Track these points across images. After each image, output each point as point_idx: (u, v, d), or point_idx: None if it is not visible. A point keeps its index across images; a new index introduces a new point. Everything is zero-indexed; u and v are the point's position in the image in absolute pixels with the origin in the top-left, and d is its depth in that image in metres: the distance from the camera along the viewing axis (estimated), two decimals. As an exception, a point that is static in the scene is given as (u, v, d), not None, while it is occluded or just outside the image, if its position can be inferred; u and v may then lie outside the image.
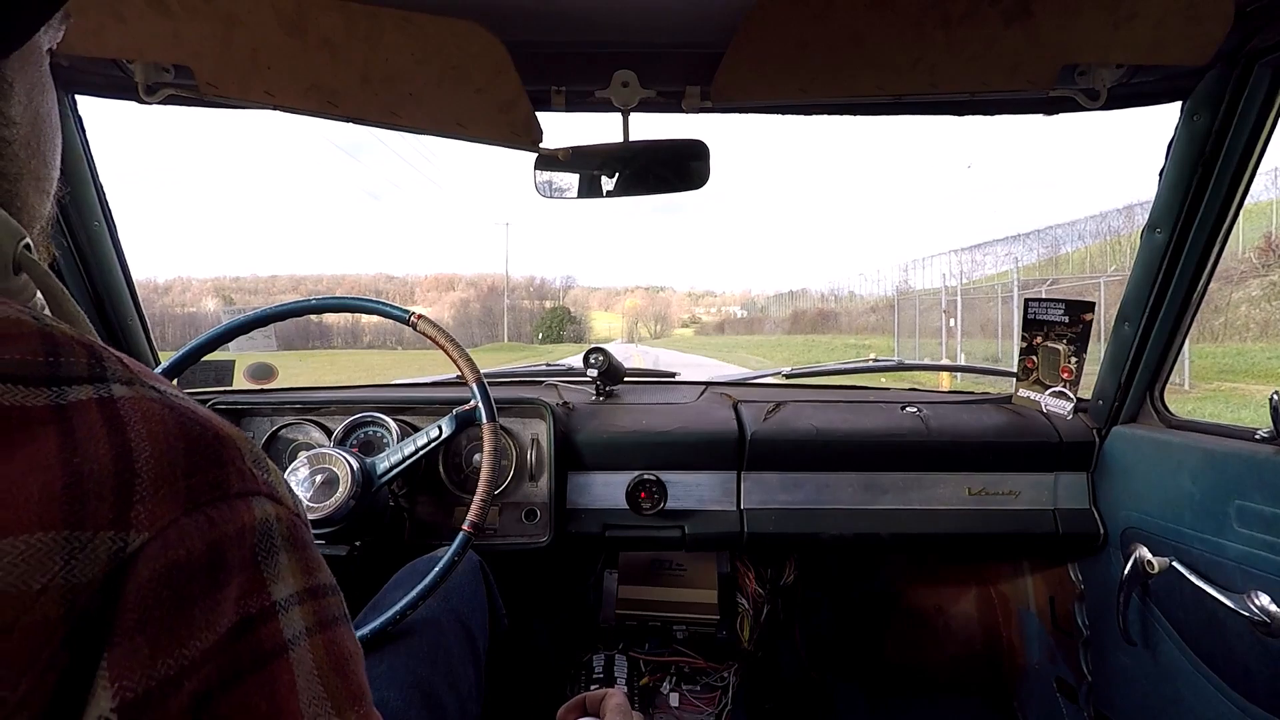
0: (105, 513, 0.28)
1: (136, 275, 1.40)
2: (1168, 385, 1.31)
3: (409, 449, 1.14)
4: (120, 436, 0.30)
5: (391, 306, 1.14)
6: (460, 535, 1.01)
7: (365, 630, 0.94)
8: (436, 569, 0.98)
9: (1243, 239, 12.20)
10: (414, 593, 0.96)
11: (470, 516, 1.02)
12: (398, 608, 0.95)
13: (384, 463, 1.14)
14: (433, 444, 1.13)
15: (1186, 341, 1.27)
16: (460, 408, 1.14)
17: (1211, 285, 1.20)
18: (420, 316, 1.11)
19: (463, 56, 1.01)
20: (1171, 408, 1.30)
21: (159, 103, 1.13)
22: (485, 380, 1.11)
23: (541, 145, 1.17)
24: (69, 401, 0.30)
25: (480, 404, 1.09)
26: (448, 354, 1.10)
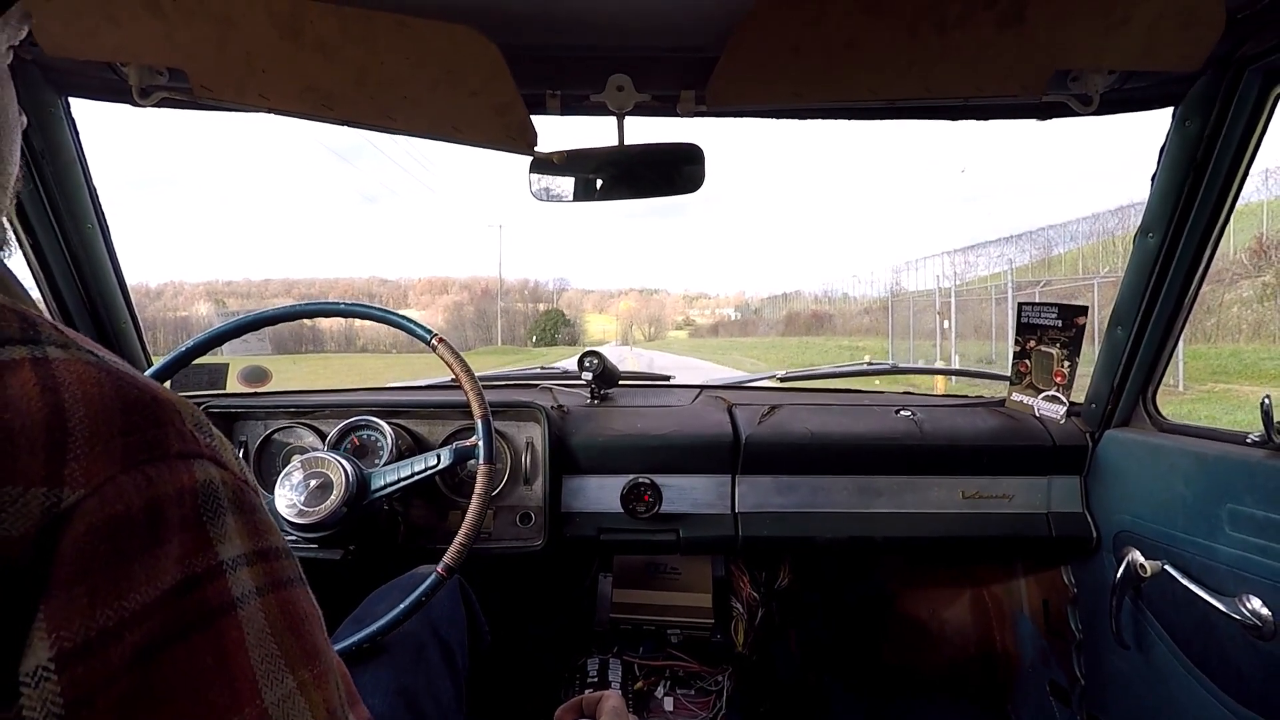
0: (37, 469, 0.28)
1: (130, 280, 1.40)
2: (1161, 387, 1.32)
3: (405, 471, 1.12)
4: (54, 396, 0.30)
5: (415, 324, 1.14)
6: (432, 577, 0.99)
7: (336, 647, 0.94)
8: (404, 605, 0.96)
9: (1234, 240, 12.26)
10: (377, 625, 0.95)
11: (446, 559, 1.00)
12: (362, 635, 0.95)
13: (379, 479, 1.13)
14: (429, 471, 1.12)
15: (1180, 342, 1.28)
16: (461, 442, 1.13)
17: (1204, 287, 1.21)
18: (441, 340, 1.10)
19: (458, 60, 1.01)
20: (1166, 409, 1.31)
21: (153, 105, 1.13)
22: (482, 386, 1.11)
23: (536, 149, 1.17)
24: (1, 360, 0.31)
25: (482, 442, 1.07)
26: (461, 382, 1.09)
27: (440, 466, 1.12)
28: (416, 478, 1.12)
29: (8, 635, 0.27)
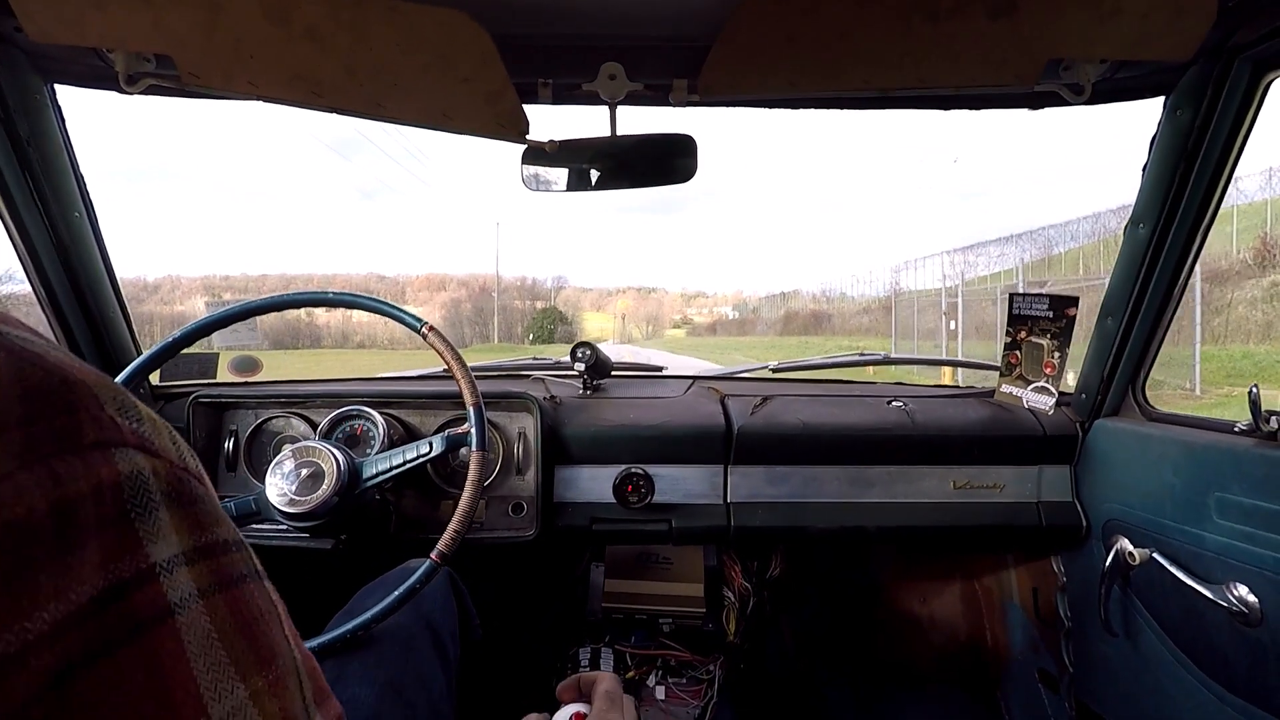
0: None
1: (127, 274, 1.39)
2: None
3: (397, 459, 1.12)
4: None
5: (405, 313, 1.13)
6: (426, 564, 0.99)
7: (326, 638, 0.94)
8: (397, 592, 0.97)
9: (1236, 241, 12.24)
10: (370, 613, 0.96)
11: (440, 546, 1.00)
12: (356, 622, 0.95)
13: (370, 468, 1.12)
14: (421, 459, 1.12)
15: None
16: (453, 430, 1.12)
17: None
18: (431, 328, 1.10)
19: (448, 47, 1.00)
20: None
21: (140, 93, 1.11)
22: (475, 377, 1.11)
23: (529, 137, 1.16)
24: None
25: (474, 430, 1.07)
26: (453, 371, 1.09)
27: (433, 454, 1.11)
28: (409, 465, 1.12)
29: None
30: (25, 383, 0.27)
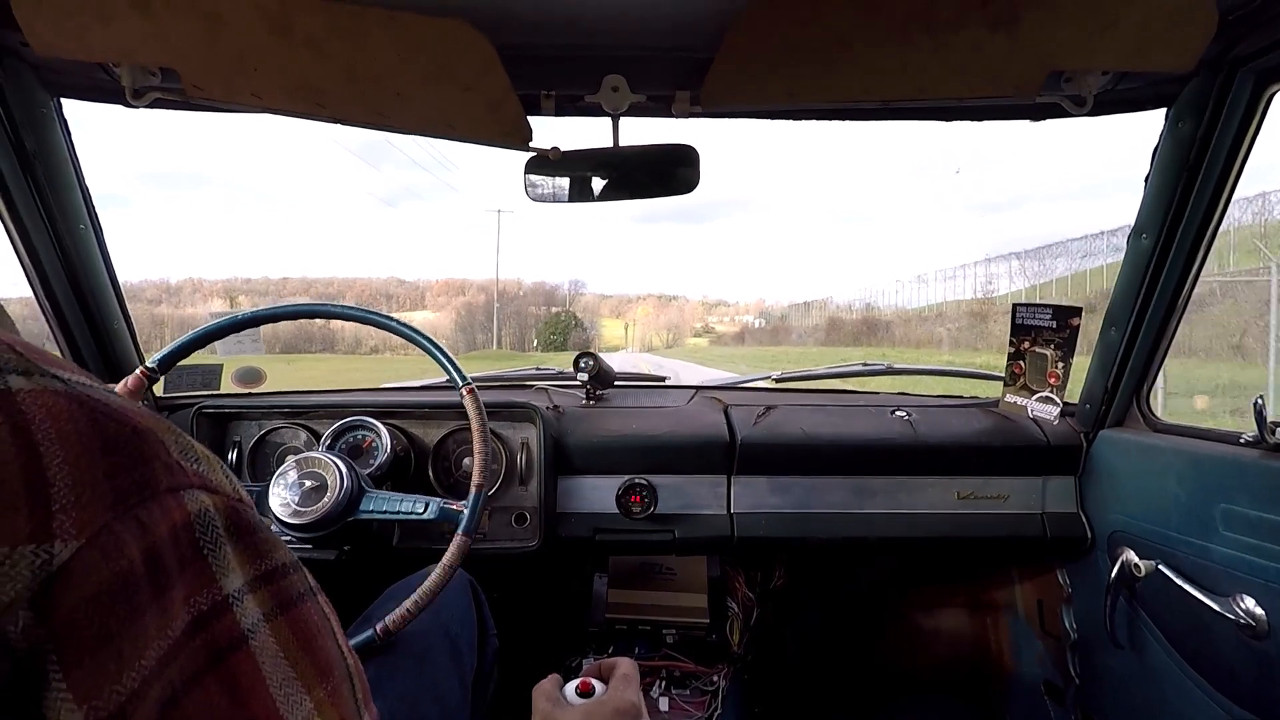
0: (21, 526, 0.25)
1: (151, 276, 1.39)
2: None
3: (393, 506, 1.10)
4: (26, 438, 0.26)
5: (454, 365, 1.11)
6: (365, 635, 0.96)
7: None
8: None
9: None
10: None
11: (387, 621, 0.96)
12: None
13: (369, 502, 1.11)
14: (413, 517, 1.10)
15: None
16: (448, 504, 1.08)
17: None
18: (471, 390, 1.09)
19: (449, 55, 1.01)
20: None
21: (146, 106, 1.12)
22: (476, 388, 1.11)
23: (532, 144, 1.16)
24: None
25: (468, 512, 1.04)
26: (474, 438, 1.07)
27: (424, 517, 1.08)
28: (400, 517, 1.10)
29: (14, 710, 0.24)
30: (103, 435, 0.29)
